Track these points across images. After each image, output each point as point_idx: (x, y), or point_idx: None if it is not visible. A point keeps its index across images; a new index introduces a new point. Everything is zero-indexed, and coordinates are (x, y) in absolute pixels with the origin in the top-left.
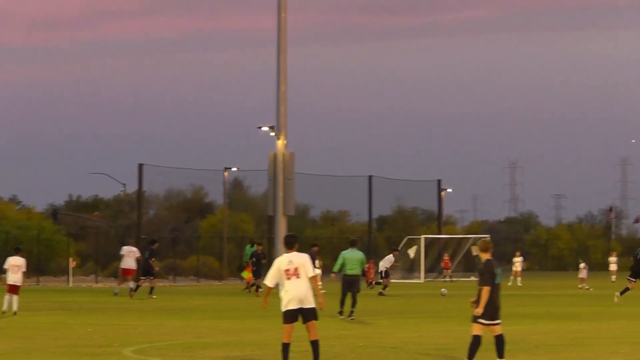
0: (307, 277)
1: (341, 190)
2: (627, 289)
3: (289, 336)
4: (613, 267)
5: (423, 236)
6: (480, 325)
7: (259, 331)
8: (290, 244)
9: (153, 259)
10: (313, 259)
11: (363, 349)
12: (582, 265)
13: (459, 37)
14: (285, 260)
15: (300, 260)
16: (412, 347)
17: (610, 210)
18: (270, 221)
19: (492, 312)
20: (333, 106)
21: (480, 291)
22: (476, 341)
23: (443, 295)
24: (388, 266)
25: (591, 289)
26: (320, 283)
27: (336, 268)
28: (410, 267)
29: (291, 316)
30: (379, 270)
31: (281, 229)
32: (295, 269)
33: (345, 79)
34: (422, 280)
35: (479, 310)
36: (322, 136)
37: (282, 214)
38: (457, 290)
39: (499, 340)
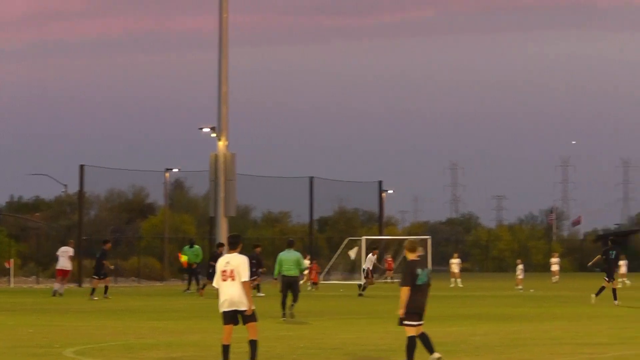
0: (240, 281)
1: (282, 192)
2: (602, 289)
3: (228, 337)
4: (555, 267)
5: (364, 237)
6: (413, 327)
7: (200, 332)
8: (233, 245)
9: (105, 260)
10: (258, 260)
11: (304, 350)
12: (519, 266)
13: (402, 37)
14: (224, 261)
15: (237, 262)
16: (352, 348)
17: (551, 211)
18: (212, 222)
19: (417, 312)
20: (275, 107)
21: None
22: (412, 342)
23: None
24: (369, 266)
25: (532, 290)
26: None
27: (276, 273)
28: (351, 268)
29: (228, 317)
30: (363, 269)
31: (222, 230)
32: (232, 271)
33: (288, 79)
34: (362, 281)
35: (400, 312)
36: (264, 137)
37: (223, 215)
38: (399, 292)
39: (423, 337)
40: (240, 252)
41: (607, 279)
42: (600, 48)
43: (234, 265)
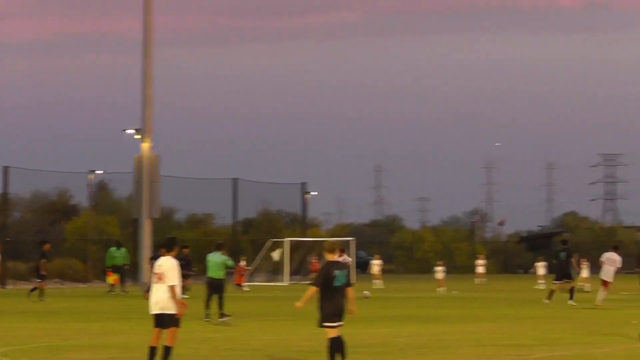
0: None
1: (206, 193)
2: (552, 292)
3: (155, 340)
4: (481, 269)
5: (287, 239)
6: (334, 329)
7: (124, 333)
8: (168, 248)
9: (45, 260)
10: (187, 262)
11: (228, 351)
12: (439, 268)
13: (326, 39)
14: (157, 263)
15: (167, 266)
16: (276, 350)
17: (476, 213)
18: (136, 224)
19: (335, 313)
20: (199, 109)
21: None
22: (332, 344)
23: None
24: None
25: (455, 292)
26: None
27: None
28: (274, 270)
29: (156, 320)
30: None
31: (146, 232)
32: (162, 274)
33: (212, 81)
34: (286, 283)
35: (298, 305)
36: (188, 139)
37: (147, 217)
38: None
39: (341, 342)
40: (155, 254)
41: (555, 281)
42: (524, 50)
43: (164, 268)
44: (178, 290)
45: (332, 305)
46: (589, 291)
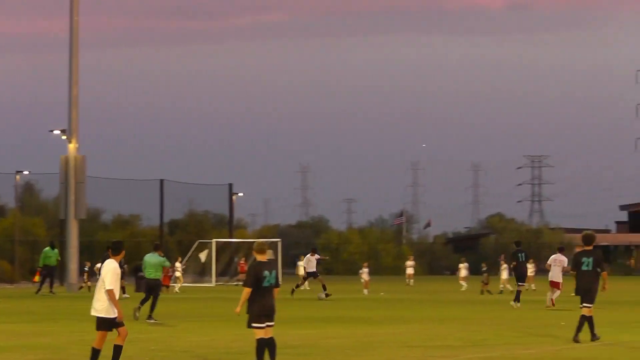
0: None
1: (133, 194)
2: (519, 293)
3: (98, 342)
4: (410, 270)
5: (214, 240)
6: (261, 330)
7: (52, 334)
8: (115, 251)
9: None
10: (120, 263)
11: (155, 352)
12: (364, 269)
13: (253, 40)
14: (102, 266)
15: (106, 269)
16: (204, 351)
17: (401, 214)
18: (62, 225)
19: (262, 314)
20: (125, 109)
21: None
22: (260, 345)
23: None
24: (309, 266)
25: (382, 293)
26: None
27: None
28: (201, 271)
29: (98, 323)
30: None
31: (73, 233)
32: (102, 277)
33: (138, 82)
34: (213, 284)
35: (237, 309)
36: (115, 139)
37: (74, 218)
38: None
39: (272, 343)
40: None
41: (519, 283)
42: (449, 51)
43: (103, 272)
44: (116, 294)
45: (260, 305)
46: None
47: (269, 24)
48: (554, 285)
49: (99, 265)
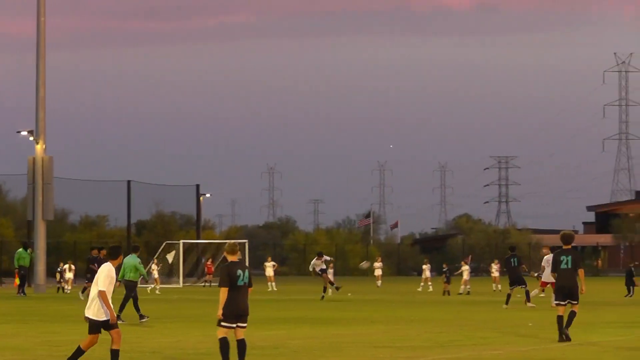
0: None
1: (100, 195)
2: (509, 296)
3: (85, 344)
4: (378, 272)
5: (181, 241)
6: (224, 329)
7: (19, 336)
8: (112, 256)
9: None
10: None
11: (123, 353)
12: (329, 270)
13: (219, 41)
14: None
15: (99, 272)
16: (171, 352)
17: (368, 215)
18: (30, 226)
19: (234, 314)
20: (92, 110)
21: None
22: (223, 344)
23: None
24: (316, 269)
25: (350, 294)
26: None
27: (120, 275)
28: (169, 272)
29: (89, 325)
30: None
31: (40, 234)
32: (96, 279)
33: (105, 83)
34: (181, 285)
35: (218, 313)
36: (82, 140)
37: (41, 219)
38: (217, 295)
39: (240, 345)
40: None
41: (511, 287)
42: (416, 51)
43: (97, 274)
44: (109, 296)
45: (234, 305)
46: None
47: (235, 25)
48: (544, 285)
49: (66, 266)
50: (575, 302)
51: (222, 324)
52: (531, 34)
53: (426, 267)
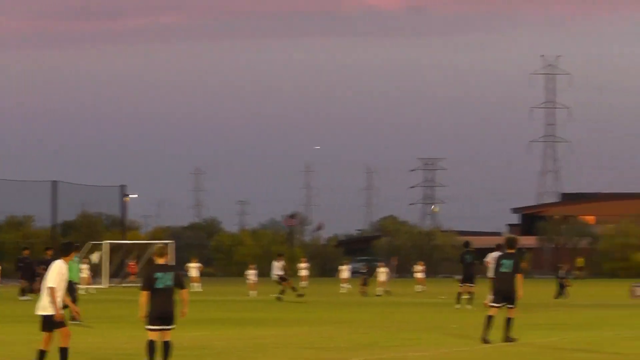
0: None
1: (25, 195)
2: (460, 295)
3: (43, 343)
4: (304, 273)
5: (106, 242)
6: (154, 332)
7: None
8: (63, 252)
9: None
10: (47, 265)
11: (49, 354)
12: (251, 271)
13: (148, 42)
14: None
15: (50, 268)
16: (96, 353)
17: (293, 216)
18: None
19: (155, 317)
20: (17, 110)
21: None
22: (149, 345)
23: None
24: (279, 272)
25: (272, 295)
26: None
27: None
28: (94, 273)
29: (41, 323)
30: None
31: None
32: (47, 277)
33: (29, 82)
34: (106, 285)
35: (141, 314)
36: (6, 140)
37: None
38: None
39: (165, 346)
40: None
41: (461, 284)
42: (344, 53)
43: (49, 270)
44: (59, 293)
45: (154, 308)
46: (381, 295)
47: (165, 26)
48: None
49: None
50: (512, 307)
51: (147, 327)
52: (459, 36)
53: (344, 268)
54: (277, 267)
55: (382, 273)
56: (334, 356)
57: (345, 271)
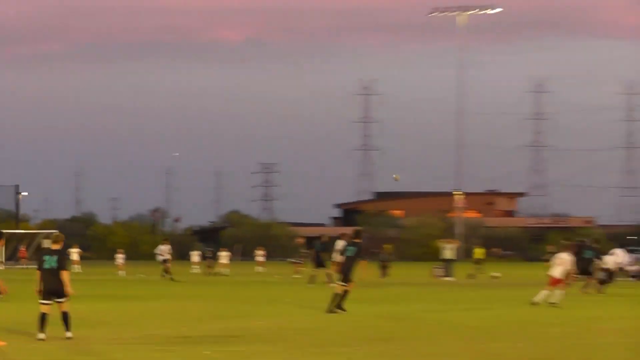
0: None
1: None
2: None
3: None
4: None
5: (2, 231)
6: (45, 305)
7: None
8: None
9: None
10: None
11: None
12: (120, 255)
13: (35, 68)
14: None
15: None
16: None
17: (156, 210)
18: None
19: (46, 292)
20: None
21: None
22: (41, 317)
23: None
24: (166, 255)
25: (142, 275)
26: None
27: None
28: None
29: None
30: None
31: None
32: None
33: None
34: (2, 267)
35: (35, 289)
36: None
37: None
38: (29, 276)
39: (63, 316)
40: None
41: (315, 268)
42: (197, 78)
43: None
44: None
45: (44, 285)
46: (227, 274)
47: (45, 54)
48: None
49: None
50: (345, 284)
51: (40, 301)
52: (293, 64)
53: (195, 253)
54: (165, 250)
55: (225, 257)
56: (188, 326)
57: (195, 255)
